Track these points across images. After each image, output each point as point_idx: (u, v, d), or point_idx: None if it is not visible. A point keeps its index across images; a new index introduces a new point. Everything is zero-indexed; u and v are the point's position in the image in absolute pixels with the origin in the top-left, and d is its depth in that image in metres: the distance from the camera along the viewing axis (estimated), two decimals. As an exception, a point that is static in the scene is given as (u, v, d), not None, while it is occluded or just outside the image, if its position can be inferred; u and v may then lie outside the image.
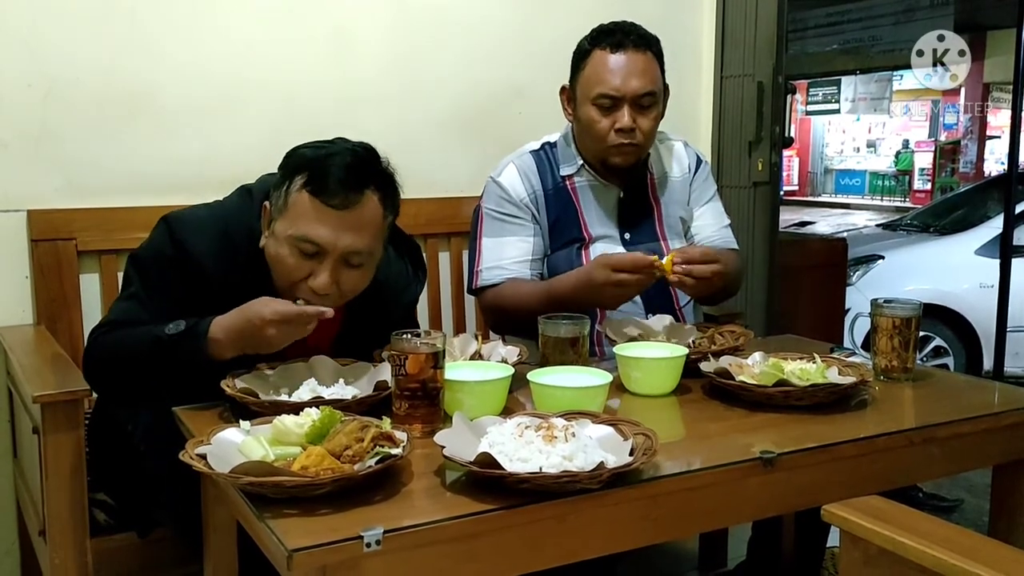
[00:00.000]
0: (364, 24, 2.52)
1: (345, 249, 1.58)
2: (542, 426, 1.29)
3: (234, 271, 1.63)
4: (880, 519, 1.08)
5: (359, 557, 1.08)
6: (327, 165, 1.57)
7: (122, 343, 1.59)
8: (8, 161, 2.15)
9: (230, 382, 1.54)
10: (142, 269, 1.67)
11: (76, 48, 2.19)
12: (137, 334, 1.58)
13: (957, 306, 4.96)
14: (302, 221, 1.56)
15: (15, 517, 2.18)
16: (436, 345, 1.46)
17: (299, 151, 1.64)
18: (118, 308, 1.67)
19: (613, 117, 2.04)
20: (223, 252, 1.64)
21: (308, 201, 1.56)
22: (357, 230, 1.58)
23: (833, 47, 10.72)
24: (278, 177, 1.63)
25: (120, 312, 1.66)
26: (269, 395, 1.54)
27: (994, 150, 15.95)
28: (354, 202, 1.57)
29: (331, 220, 1.56)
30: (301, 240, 1.56)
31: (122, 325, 1.62)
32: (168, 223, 1.67)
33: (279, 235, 1.59)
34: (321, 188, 1.55)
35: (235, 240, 1.65)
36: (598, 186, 2.16)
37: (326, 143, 1.64)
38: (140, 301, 1.64)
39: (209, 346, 1.54)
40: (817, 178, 20.72)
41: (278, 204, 1.60)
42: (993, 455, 1.66)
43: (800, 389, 1.58)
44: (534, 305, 1.94)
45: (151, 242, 1.68)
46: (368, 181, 1.60)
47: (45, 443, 1.61)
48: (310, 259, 1.58)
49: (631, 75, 2.02)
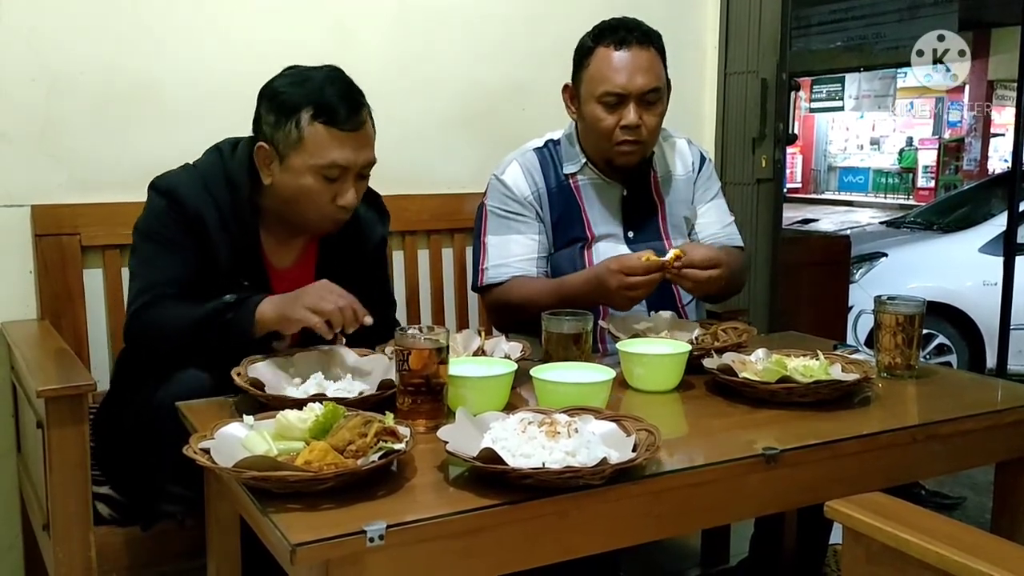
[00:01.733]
0: (366, 20, 2.51)
1: (364, 164, 1.77)
2: (545, 422, 1.29)
3: (221, 217, 1.77)
4: (883, 516, 1.07)
5: (362, 552, 1.09)
6: (327, 96, 1.72)
7: (170, 314, 1.71)
8: (12, 156, 2.15)
9: (241, 370, 1.57)
10: (148, 232, 1.79)
11: (79, 43, 2.19)
12: (183, 308, 1.70)
13: (960, 304, 4.96)
14: (324, 150, 1.72)
15: (19, 511, 2.19)
16: (440, 341, 1.46)
17: (282, 89, 1.76)
18: (143, 274, 1.77)
19: (618, 114, 2.03)
20: (209, 201, 1.78)
21: (324, 131, 1.71)
22: (368, 145, 1.78)
23: (837, 44, 10.71)
24: (268, 116, 1.75)
25: (146, 277, 1.75)
26: (282, 385, 1.55)
27: (998, 148, 15.93)
28: (361, 122, 1.75)
29: (348, 142, 1.73)
30: (328, 167, 1.72)
31: (156, 288, 1.73)
32: (155, 187, 1.81)
33: (298, 168, 1.73)
34: (333, 118, 1.71)
35: (213, 191, 1.79)
36: (601, 184, 2.15)
37: (300, 74, 1.77)
38: (158, 258, 1.76)
39: (257, 321, 1.66)
40: (820, 175, 20.69)
41: (288, 141, 1.72)
42: (996, 452, 1.66)
43: (803, 386, 1.58)
44: (543, 302, 1.93)
45: (149, 208, 1.81)
46: (362, 99, 1.78)
47: (49, 437, 1.61)
48: (332, 182, 1.74)
49: (636, 72, 2.01)
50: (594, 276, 1.92)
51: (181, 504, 1.72)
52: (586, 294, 1.91)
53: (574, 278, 1.99)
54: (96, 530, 1.69)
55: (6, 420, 2.17)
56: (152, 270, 1.76)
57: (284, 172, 1.75)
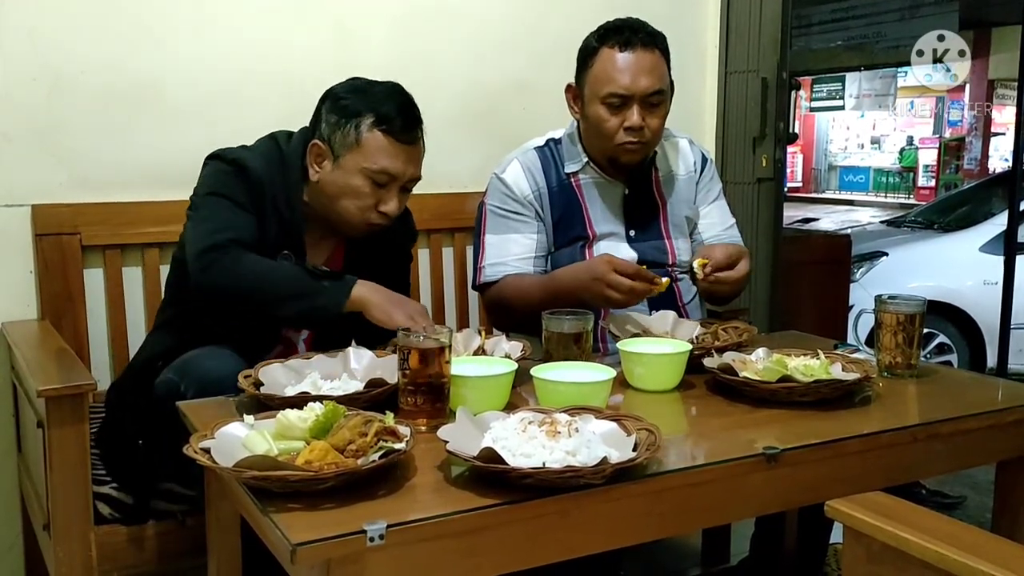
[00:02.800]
0: (367, 20, 2.51)
1: (411, 177, 1.85)
2: (545, 421, 1.29)
3: (276, 196, 1.83)
4: (884, 515, 1.07)
5: (363, 551, 1.09)
6: (391, 107, 1.81)
7: (259, 265, 1.75)
8: (13, 155, 2.15)
9: (250, 371, 1.58)
10: (215, 191, 1.81)
11: (80, 42, 2.19)
12: (276, 263, 1.77)
13: (961, 303, 4.95)
14: (379, 155, 1.80)
15: (19, 511, 2.19)
16: (442, 340, 1.46)
17: (345, 94, 1.84)
18: (213, 219, 1.78)
19: (622, 116, 2.03)
20: (271, 176, 1.84)
21: (383, 138, 1.80)
22: (418, 160, 1.86)
23: (837, 43, 10.70)
24: (330, 116, 1.83)
25: (217, 221, 1.77)
26: (280, 384, 1.55)
27: (999, 147, 15.92)
28: (417, 138, 1.85)
29: (402, 154, 1.82)
30: (379, 172, 1.80)
31: (231, 231, 1.75)
32: (219, 156, 1.85)
33: (350, 168, 1.81)
34: (393, 128, 1.80)
35: (273, 169, 1.84)
36: (603, 183, 2.16)
37: (364, 84, 1.87)
38: (229, 211, 1.78)
39: (352, 297, 1.73)
40: (821, 175, 20.68)
41: (346, 142, 1.80)
42: (996, 452, 1.66)
43: (804, 385, 1.58)
44: (535, 296, 1.95)
45: (212, 173, 1.85)
46: (420, 116, 1.86)
47: (49, 437, 1.62)
48: (379, 188, 1.82)
49: (640, 74, 2.01)
50: (583, 265, 1.93)
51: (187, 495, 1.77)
52: (572, 285, 1.91)
53: (564, 270, 2.00)
54: (97, 529, 1.69)
55: (7, 420, 2.17)
56: (224, 219, 1.78)
57: (336, 170, 1.82)
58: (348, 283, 1.74)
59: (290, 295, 1.73)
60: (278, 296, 1.74)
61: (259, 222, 1.80)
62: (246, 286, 1.73)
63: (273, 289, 1.74)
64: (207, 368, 1.65)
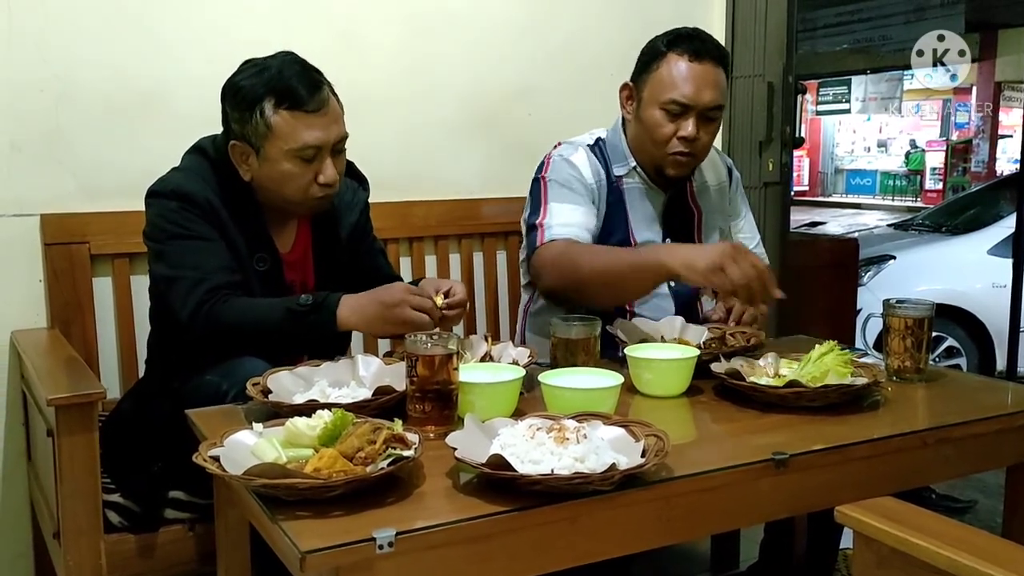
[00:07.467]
0: (373, 26, 2.52)
1: (336, 139, 1.79)
2: (554, 428, 1.29)
3: (228, 206, 1.80)
4: (893, 520, 1.07)
5: (372, 558, 1.09)
6: (285, 81, 1.74)
7: (248, 313, 1.73)
8: (21, 165, 2.16)
9: (260, 379, 1.57)
10: (171, 233, 1.78)
11: (87, 51, 2.20)
12: (264, 306, 1.75)
13: (969, 306, 4.94)
14: (294, 134, 1.74)
15: (29, 519, 2.19)
16: (450, 347, 1.46)
17: (242, 83, 1.77)
18: (189, 267, 1.75)
19: (677, 124, 2.02)
20: (213, 191, 1.80)
21: (290, 117, 1.74)
22: (336, 121, 1.80)
23: (843, 46, 10.70)
24: (234, 113, 1.78)
25: (194, 270, 1.74)
26: (288, 392, 1.56)
27: (1006, 149, 15.89)
28: (324, 100, 1.76)
29: (316, 122, 1.75)
30: (303, 149, 1.75)
31: (211, 279, 1.73)
32: (157, 193, 1.82)
33: (274, 156, 1.76)
34: (296, 102, 1.74)
35: (212, 183, 1.81)
36: (646, 190, 2.15)
37: (256, 66, 1.78)
38: (195, 253, 1.76)
39: (337, 320, 1.72)
40: (828, 178, 20.67)
41: (258, 133, 1.75)
42: (1007, 456, 1.66)
43: (812, 390, 1.58)
44: (609, 257, 1.94)
45: (158, 213, 1.80)
46: (320, 78, 1.79)
47: (59, 445, 1.62)
48: (310, 163, 1.77)
49: (705, 86, 2.01)
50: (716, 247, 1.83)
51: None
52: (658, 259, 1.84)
53: (652, 247, 2.01)
54: (106, 538, 1.69)
55: (17, 428, 2.18)
56: (196, 264, 1.75)
57: (263, 163, 1.78)
58: (330, 308, 1.72)
59: (284, 338, 1.74)
60: (272, 342, 1.74)
61: (225, 242, 1.79)
62: (244, 336, 1.73)
63: (267, 339, 1.74)
64: (248, 369, 1.64)
